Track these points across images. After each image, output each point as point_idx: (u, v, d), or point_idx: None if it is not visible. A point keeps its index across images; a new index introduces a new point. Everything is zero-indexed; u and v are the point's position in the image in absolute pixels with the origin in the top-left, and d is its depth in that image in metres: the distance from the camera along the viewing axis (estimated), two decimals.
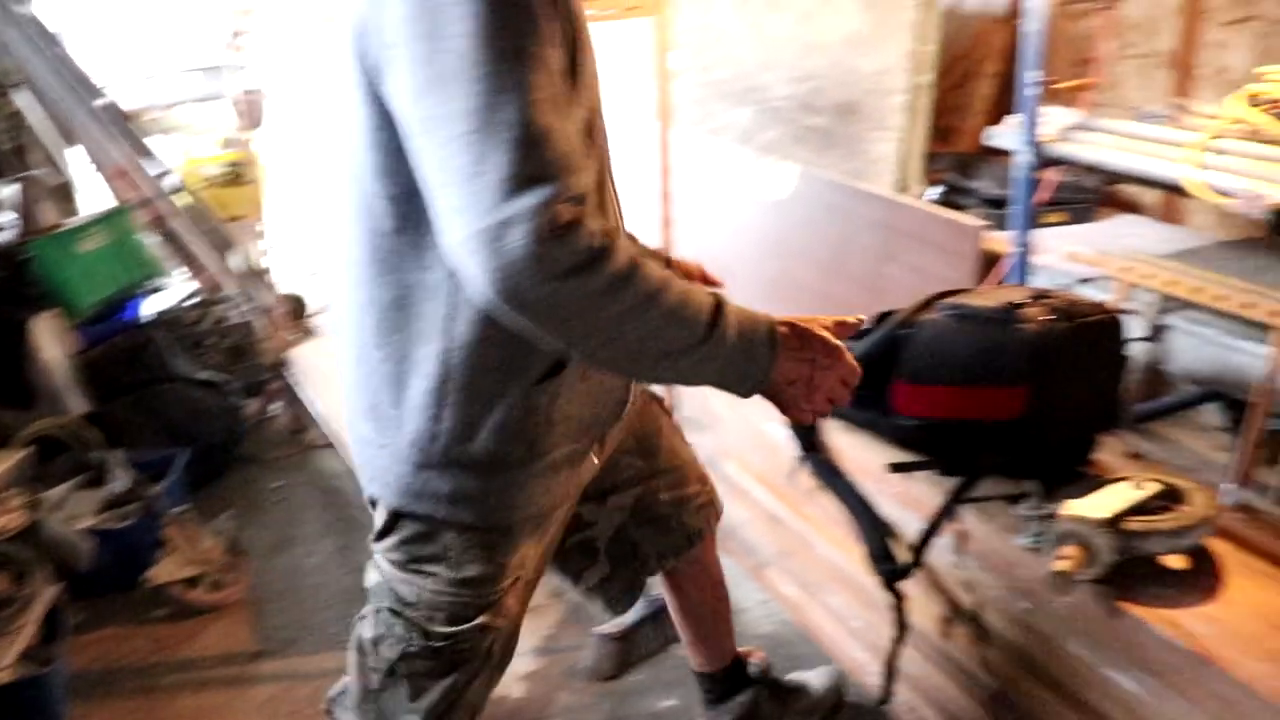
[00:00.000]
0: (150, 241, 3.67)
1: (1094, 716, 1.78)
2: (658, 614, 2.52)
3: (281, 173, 7.19)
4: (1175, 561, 1.73)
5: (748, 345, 1.31)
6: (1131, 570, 1.70)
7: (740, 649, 2.22)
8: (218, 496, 3.28)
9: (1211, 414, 3.30)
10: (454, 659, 1.54)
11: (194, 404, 3.37)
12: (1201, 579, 1.73)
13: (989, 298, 1.87)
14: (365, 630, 1.58)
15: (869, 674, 2.31)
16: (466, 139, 1.12)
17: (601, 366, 1.41)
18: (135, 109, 4.00)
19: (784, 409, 1.40)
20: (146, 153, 3.64)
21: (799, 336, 1.37)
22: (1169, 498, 1.76)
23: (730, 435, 2.72)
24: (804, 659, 2.46)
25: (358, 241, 1.38)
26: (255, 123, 4.49)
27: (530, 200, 1.11)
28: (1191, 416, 3.38)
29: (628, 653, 2.47)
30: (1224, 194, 2.09)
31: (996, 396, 1.76)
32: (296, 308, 4.59)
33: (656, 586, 2.55)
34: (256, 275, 4.27)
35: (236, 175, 4.66)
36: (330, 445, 3.31)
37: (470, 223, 1.12)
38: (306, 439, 3.67)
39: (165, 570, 2.72)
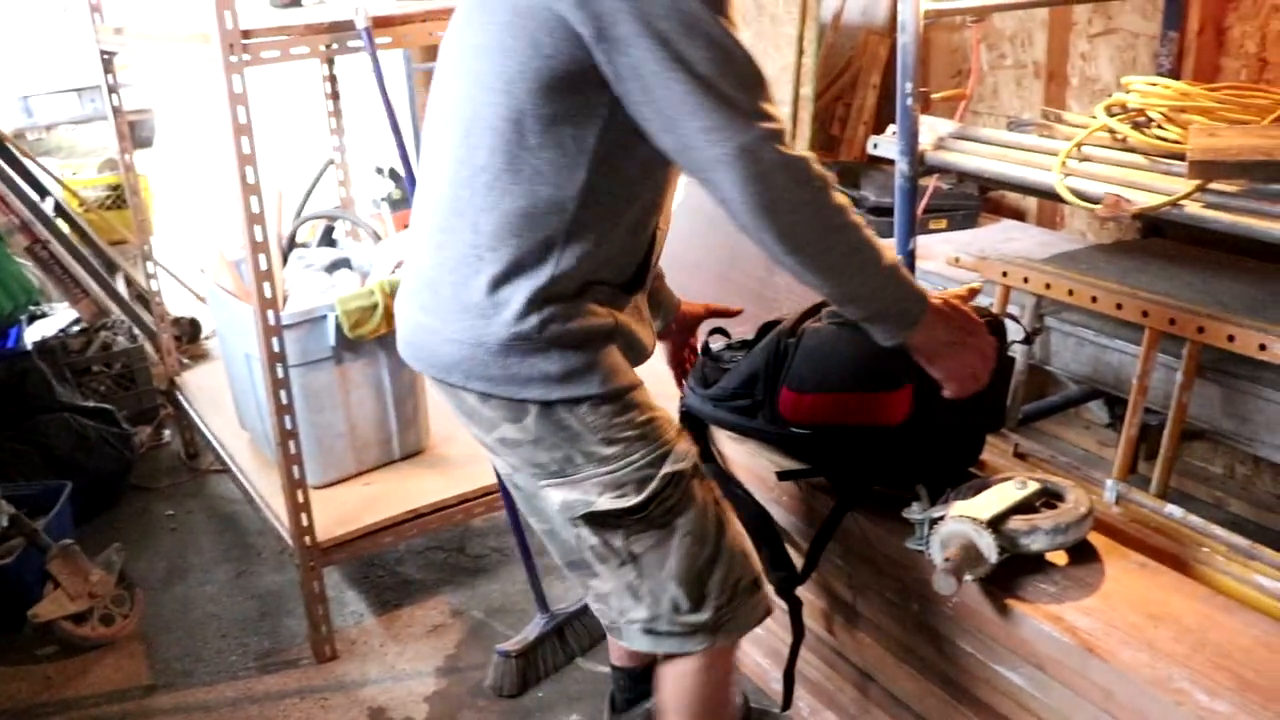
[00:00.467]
0: (29, 266, 3.56)
1: (985, 711, 1.83)
2: (560, 629, 2.53)
3: (172, 194, 7.07)
4: (1058, 558, 1.78)
5: (911, 285, 1.56)
6: (1016, 567, 1.75)
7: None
8: (108, 527, 3.19)
9: (1096, 411, 3.42)
10: (665, 516, 1.60)
11: (80, 433, 3.27)
12: (1084, 574, 1.79)
13: None
14: (590, 540, 1.62)
15: (770, 680, 2.34)
16: (710, 79, 1.36)
17: (811, 270, 1.50)
18: (12, 130, 3.88)
19: (945, 371, 1.63)
20: (24, 175, 3.54)
21: (945, 303, 1.63)
22: (1051, 495, 1.81)
23: None
24: None
25: (496, 150, 1.48)
26: (140, 143, 4.37)
27: (773, 125, 1.39)
28: (1077, 414, 3.50)
29: (530, 670, 2.45)
30: (1089, 200, 2.16)
31: (881, 401, 1.79)
32: (190, 331, 4.50)
33: (559, 602, 2.57)
34: (143, 299, 4.17)
35: (118, 198, 4.55)
36: (226, 470, 3.24)
37: (728, 138, 1.36)
38: (201, 465, 3.59)
39: (51, 607, 2.63)
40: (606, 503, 1.57)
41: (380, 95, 2.38)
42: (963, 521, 1.72)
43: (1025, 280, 2.44)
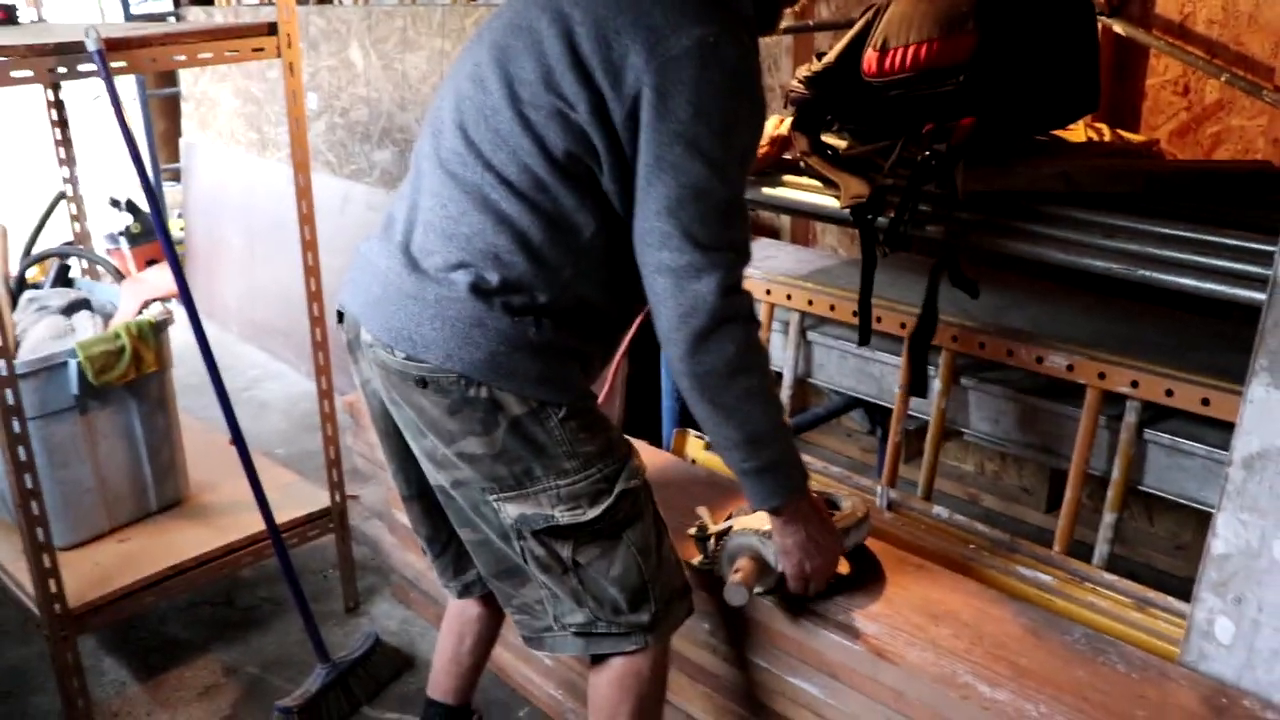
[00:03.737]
0: None
1: None
2: (344, 678, 2.42)
3: None
4: (840, 567, 1.84)
5: (797, 464, 1.65)
6: None
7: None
8: None
9: (858, 420, 3.58)
10: (613, 529, 1.64)
11: None
12: (866, 580, 1.85)
13: None
14: (536, 551, 1.63)
15: (569, 713, 2.31)
16: (694, 191, 1.46)
17: (712, 409, 1.56)
18: None
19: (793, 558, 1.69)
20: None
21: (818, 505, 1.73)
22: (829, 504, 1.87)
23: None
24: (499, 705, 2.43)
25: (526, 170, 1.52)
26: None
27: (728, 257, 1.50)
28: (839, 424, 3.65)
29: None
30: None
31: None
32: None
33: (339, 649, 2.46)
34: None
35: None
36: None
37: (677, 257, 1.47)
38: None
39: None
40: (564, 517, 1.60)
41: (117, 122, 2.21)
42: (747, 534, 1.76)
43: (789, 297, 2.52)
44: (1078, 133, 2.41)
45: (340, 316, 1.74)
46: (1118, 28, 2.68)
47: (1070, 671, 1.61)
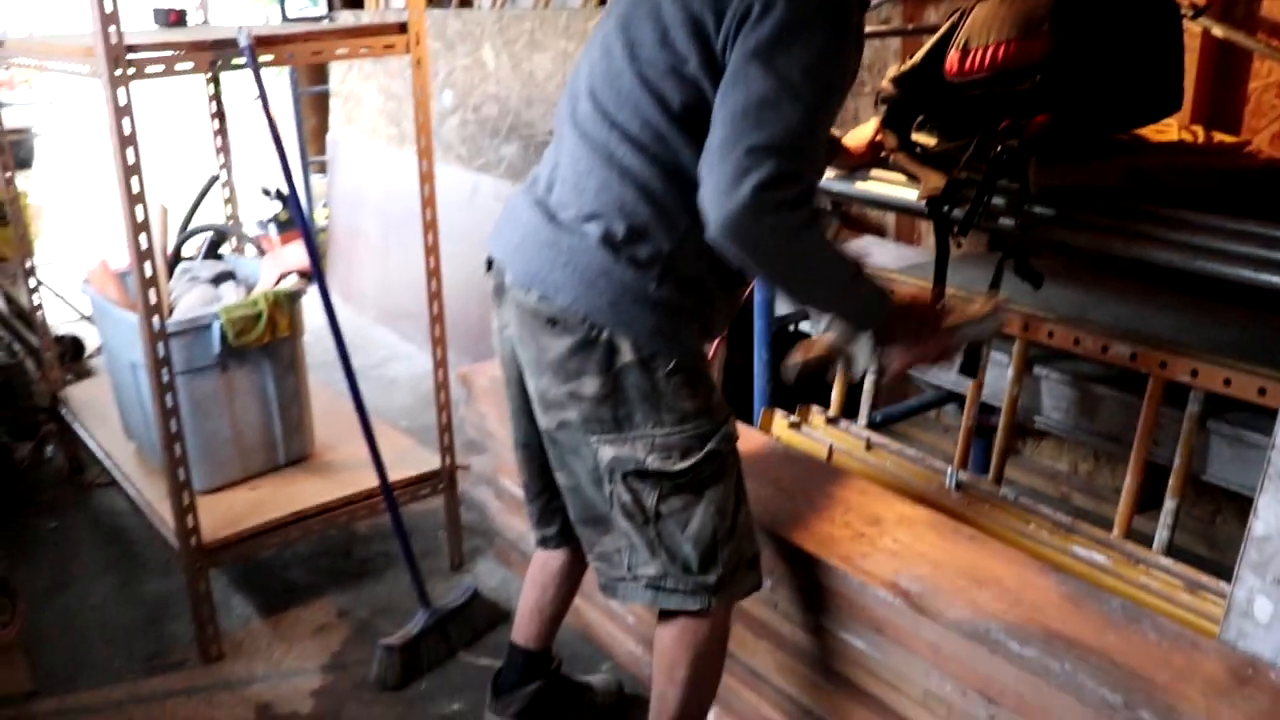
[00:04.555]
0: None
1: (835, 679, 1.99)
2: (443, 624, 2.62)
3: (54, 214, 6.97)
4: (903, 533, 1.94)
5: (870, 295, 1.73)
6: (858, 543, 1.92)
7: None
8: None
9: (954, 416, 3.65)
10: (698, 485, 1.78)
11: None
12: (920, 547, 1.96)
13: None
14: (623, 496, 1.79)
15: (645, 667, 2.46)
16: (760, 102, 1.55)
17: (777, 287, 1.83)
18: None
19: (894, 353, 1.79)
20: None
21: (909, 304, 1.85)
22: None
23: (505, 453, 2.83)
24: (584, 659, 2.60)
25: (646, 125, 1.68)
26: (18, 164, 4.38)
27: (786, 165, 1.55)
28: (938, 419, 3.72)
29: (413, 663, 2.54)
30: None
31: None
32: (72, 349, 4.49)
33: (440, 599, 2.66)
34: (24, 317, 4.15)
35: None
36: (111, 483, 3.26)
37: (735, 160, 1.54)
38: (86, 479, 3.59)
39: None
40: (654, 463, 1.75)
41: (263, 113, 2.46)
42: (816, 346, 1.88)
43: None
44: (1169, 133, 2.46)
45: (489, 265, 1.93)
46: (1217, 30, 2.70)
47: (1102, 637, 1.68)
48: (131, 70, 2.21)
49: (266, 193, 5.40)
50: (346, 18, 5.54)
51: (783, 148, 1.54)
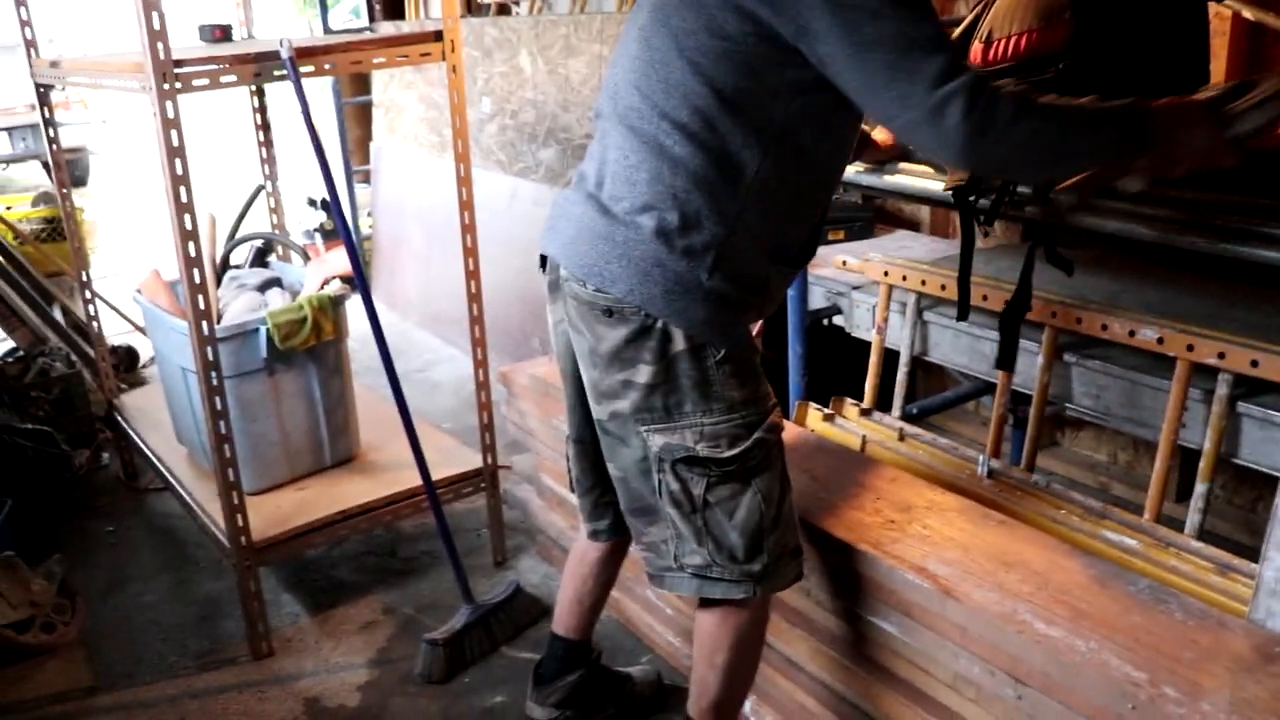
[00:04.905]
0: None
1: (867, 664, 2.02)
2: (485, 619, 2.68)
3: (107, 230, 7.15)
4: (933, 519, 1.97)
5: (1125, 122, 1.66)
6: (889, 529, 1.95)
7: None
8: (48, 543, 3.28)
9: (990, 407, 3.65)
10: (745, 474, 1.82)
11: (18, 454, 3.38)
12: (949, 531, 1.98)
13: None
14: (672, 485, 1.83)
15: (684, 658, 2.50)
16: (896, 48, 1.54)
17: (1034, 175, 1.94)
18: None
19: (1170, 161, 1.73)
20: None
21: (1168, 108, 1.72)
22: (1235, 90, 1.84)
23: (546, 451, 2.89)
24: (624, 651, 2.64)
25: (696, 112, 1.69)
26: (74, 182, 4.51)
27: (954, 84, 1.53)
28: (976, 411, 3.72)
29: (456, 657, 2.60)
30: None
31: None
32: (127, 359, 4.61)
33: (483, 595, 2.72)
34: (80, 329, 4.28)
35: (54, 230, 4.67)
36: (164, 488, 3.36)
37: (917, 104, 1.54)
38: (140, 484, 3.70)
39: None
40: (702, 450, 1.79)
41: (305, 123, 2.53)
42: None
43: (904, 279, 2.65)
44: None
45: (543, 263, 1.97)
46: (1247, 13, 2.70)
47: (1127, 617, 1.70)
48: (179, 84, 2.29)
49: (312, 203, 5.52)
50: (387, 28, 5.63)
51: (943, 67, 1.53)
